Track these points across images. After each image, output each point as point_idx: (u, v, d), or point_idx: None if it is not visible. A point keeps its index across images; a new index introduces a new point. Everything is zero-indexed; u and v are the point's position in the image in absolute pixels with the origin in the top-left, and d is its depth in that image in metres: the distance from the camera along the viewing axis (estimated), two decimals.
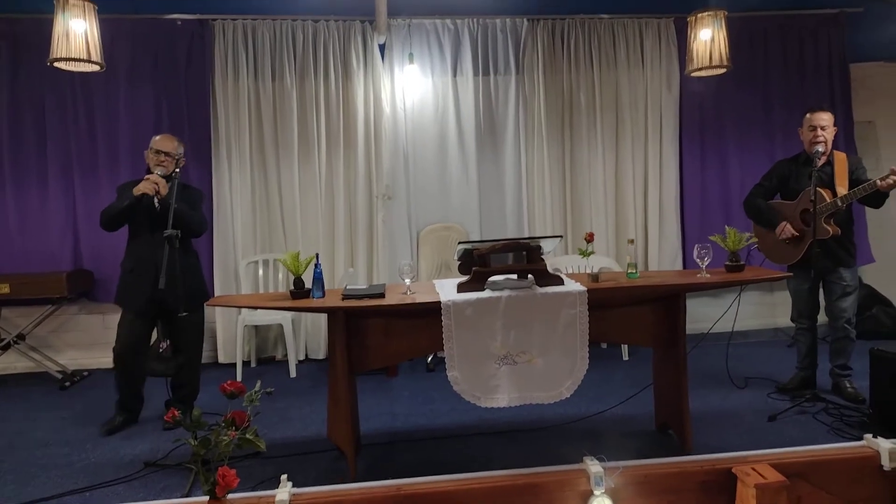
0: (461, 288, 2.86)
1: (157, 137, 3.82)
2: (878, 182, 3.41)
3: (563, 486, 2.54)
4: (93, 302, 5.10)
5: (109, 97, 4.95)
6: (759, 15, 5.38)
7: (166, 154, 3.72)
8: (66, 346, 5.12)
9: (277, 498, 2.41)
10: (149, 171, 3.72)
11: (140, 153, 4.91)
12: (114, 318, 5.04)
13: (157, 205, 3.58)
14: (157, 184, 3.55)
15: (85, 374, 4.90)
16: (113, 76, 4.85)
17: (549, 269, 2.93)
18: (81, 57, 3.44)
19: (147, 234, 3.64)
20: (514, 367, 2.79)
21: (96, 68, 3.59)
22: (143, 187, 3.54)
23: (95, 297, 5.05)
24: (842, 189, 3.60)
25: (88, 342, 5.14)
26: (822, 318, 3.90)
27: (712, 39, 3.86)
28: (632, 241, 3.23)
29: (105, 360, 5.10)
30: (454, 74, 5.24)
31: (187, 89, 5.00)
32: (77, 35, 3.42)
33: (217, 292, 4.99)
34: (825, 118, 3.70)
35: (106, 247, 4.97)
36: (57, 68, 3.59)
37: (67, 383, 4.65)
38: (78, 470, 3.18)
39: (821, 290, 3.87)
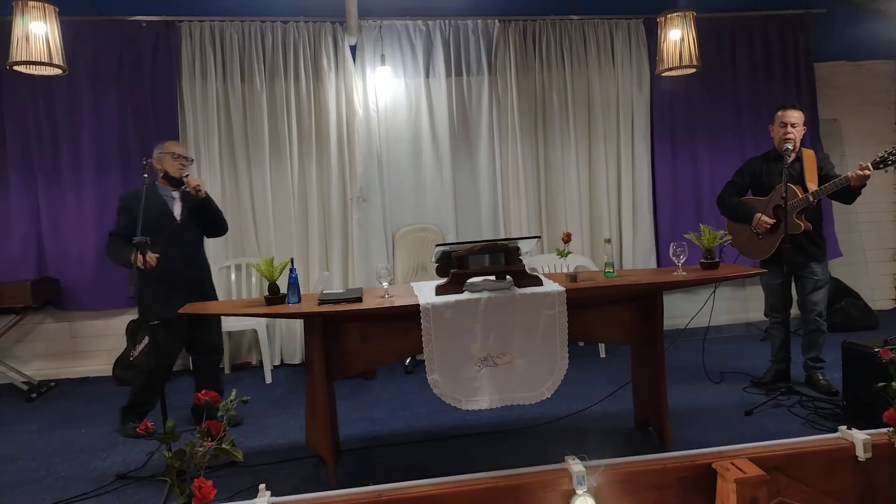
0: (439, 290, 2.84)
1: (170, 142, 3.74)
2: (850, 175, 3.48)
3: (546, 487, 2.54)
4: (59, 310, 4.96)
5: (72, 101, 4.82)
6: (726, 16, 5.45)
7: (185, 158, 3.69)
8: (32, 356, 4.97)
9: None
10: (165, 177, 3.67)
11: (106, 157, 4.86)
12: (81, 325, 5.00)
13: (180, 212, 3.62)
14: (199, 183, 3.57)
15: (52, 384, 4.75)
16: (75, 79, 4.73)
17: (527, 269, 2.92)
18: (42, 60, 3.34)
19: (170, 237, 3.56)
20: (494, 369, 2.77)
21: (58, 72, 3.49)
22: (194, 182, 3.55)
23: (62, 305, 4.91)
24: (812, 185, 3.67)
25: (55, 352, 5.00)
26: (793, 311, 3.96)
27: (682, 39, 3.91)
28: (608, 241, 3.24)
29: (73, 369, 4.99)
30: (427, 75, 5.21)
31: (153, 92, 4.89)
32: (37, 38, 3.32)
33: None
34: (796, 116, 3.77)
35: (72, 254, 4.85)
36: (16, 72, 3.48)
37: (34, 395, 4.51)
38: (47, 485, 3.07)
39: (793, 285, 3.93)
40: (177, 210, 3.65)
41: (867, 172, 3.44)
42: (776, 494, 2.59)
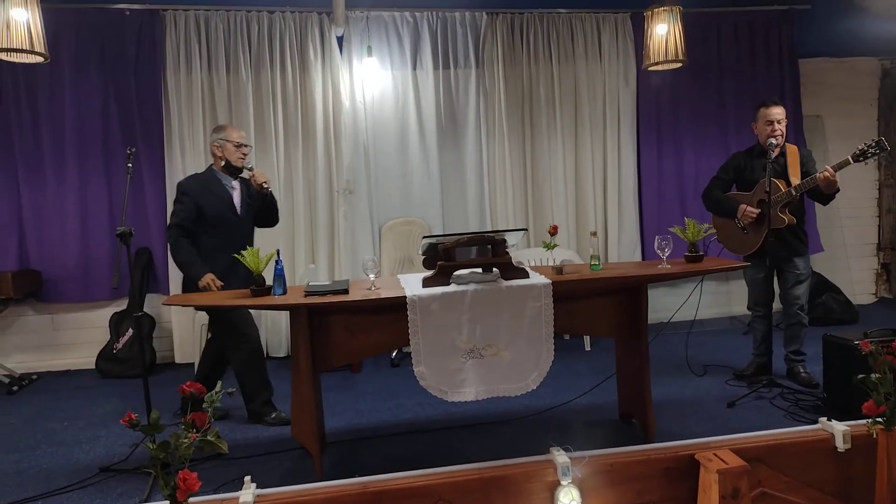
0: (426, 282, 2.84)
1: (231, 128, 3.64)
2: (817, 176, 3.53)
3: (531, 478, 2.55)
4: (41, 302, 4.90)
5: (54, 90, 4.76)
6: (712, 11, 5.48)
7: (246, 145, 3.61)
8: (14, 348, 4.91)
9: (241, 500, 2.36)
10: (226, 166, 3.58)
11: (89, 147, 4.79)
12: (63, 318, 4.95)
13: (251, 197, 3.62)
14: (266, 179, 3.54)
15: (34, 377, 4.70)
16: (58, 68, 4.67)
17: (514, 262, 2.92)
18: (24, 48, 3.29)
19: (231, 230, 3.54)
20: (480, 361, 2.78)
21: (40, 59, 3.43)
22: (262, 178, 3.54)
23: (43, 297, 4.86)
24: (795, 180, 3.71)
25: (37, 344, 4.94)
26: (776, 305, 4.01)
27: (668, 34, 3.92)
28: (594, 234, 3.26)
29: (56, 362, 4.94)
30: (414, 68, 5.20)
31: (137, 82, 4.83)
32: (19, 24, 3.26)
33: (173, 290, 4.85)
34: (780, 112, 3.80)
35: (54, 245, 4.80)
36: None
37: (15, 388, 4.46)
38: (29, 477, 3.05)
39: (775, 279, 3.98)
40: (237, 201, 3.59)
41: (831, 176, 3.47)
42: (757, 485, 2.62)
